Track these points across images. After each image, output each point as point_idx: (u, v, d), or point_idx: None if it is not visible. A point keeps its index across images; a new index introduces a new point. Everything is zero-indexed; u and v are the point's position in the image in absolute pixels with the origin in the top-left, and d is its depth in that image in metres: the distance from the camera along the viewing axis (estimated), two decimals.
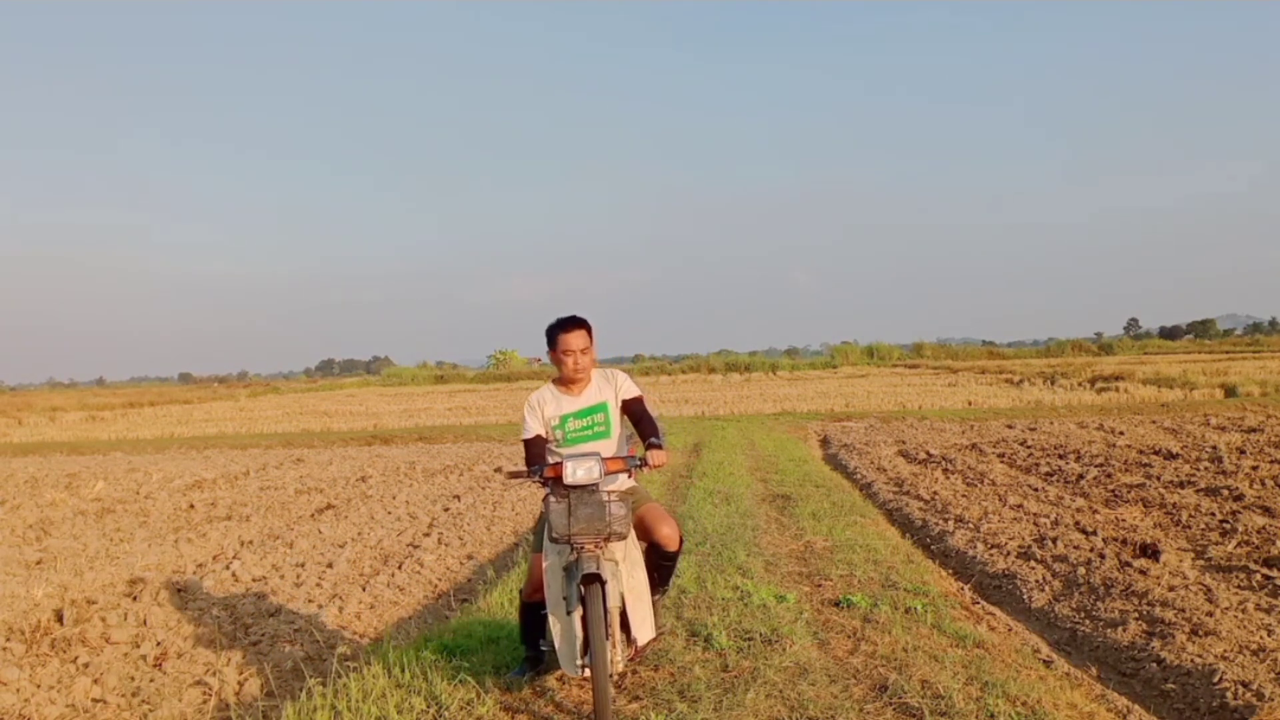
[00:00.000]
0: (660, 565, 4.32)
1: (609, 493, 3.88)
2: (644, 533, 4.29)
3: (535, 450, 4.22)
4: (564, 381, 4.28)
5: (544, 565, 4.02)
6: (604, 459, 3.92)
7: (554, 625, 3.95)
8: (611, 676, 3.77)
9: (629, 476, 4.24)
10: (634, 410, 4.32)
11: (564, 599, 3.84)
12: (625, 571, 3.96)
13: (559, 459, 4.05)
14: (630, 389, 4.31)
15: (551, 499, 3.87)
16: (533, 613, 4.32)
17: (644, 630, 4.04)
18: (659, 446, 4.11)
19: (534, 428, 4.24)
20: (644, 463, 4.00)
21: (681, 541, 4.36)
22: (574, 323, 4.19)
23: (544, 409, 4.27)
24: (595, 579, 3.74)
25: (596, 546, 3.83)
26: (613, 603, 3.79)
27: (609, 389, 4.29)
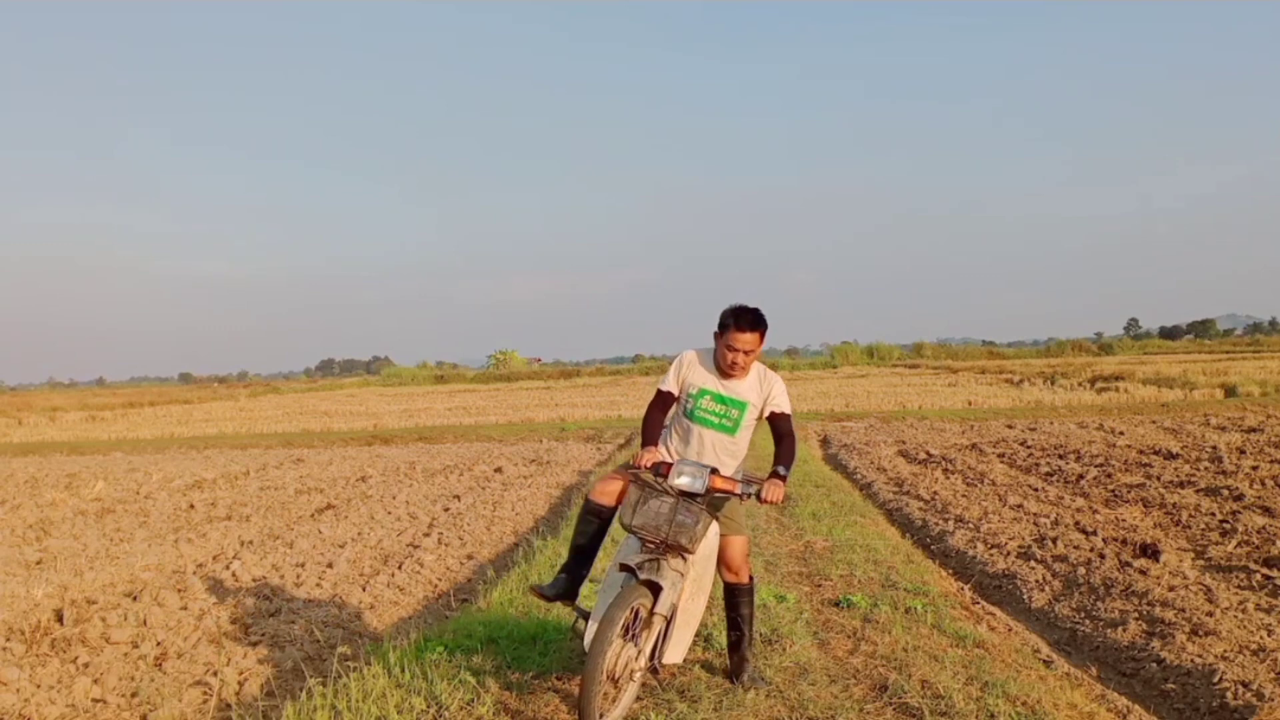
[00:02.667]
0: (734, 603, 4.25)
1: (698, 499, 3.82)
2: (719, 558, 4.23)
3: (655, 412, 4.13)
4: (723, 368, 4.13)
5: (620, 548, 4.04)
6: (713, 474, 3.82)
7: (598, 599, 3.95)
8: (618, 677, 3.70)
9: (741, 501, 4.02)
10: (778, 428, 4.15)
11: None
12: (687, 591, 3.90)
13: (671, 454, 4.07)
14: (782, 403, 4.13)
15: (632, 487, 3.83)
16: (589, 521, 4.12)
17: (675, 652, 3.94)
18: (782, 478, 3.94)
19: (668, 384, 4.17)
20: (759, 495, 3.86)
21: (752, 578, 4.31)
22: (753, 322, 3.97)
23: (691, 373, 4.15)
24: (632, 573, 3.70)
25: (659, 548, 3.76)
26: (660, 609, 3.72)
27: (760, 393, 4.12)
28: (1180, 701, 4.48)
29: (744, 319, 3.96)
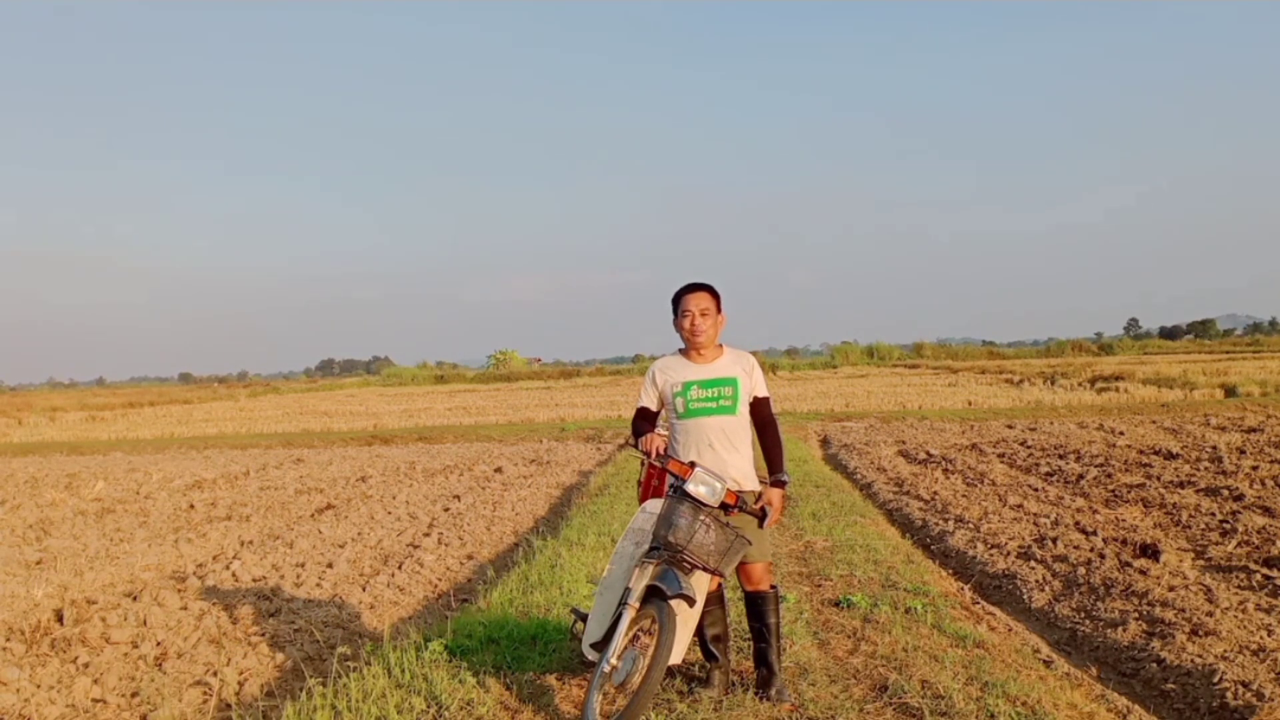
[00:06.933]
0: (758, 612, 4.14)
1: (727, 523, 3.79)
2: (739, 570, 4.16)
3: (640, 423, 4.09)
4: (691, 350, 4.13)
5: (618, 548, 4.01)
6: (728, 490, 3.82)
7: (597, 600, 3.92)
8: (624, 686, 3.70)
9: (725, 513, 3.90)
10: (760, 417, 4.13)
11: (626, 588, 3.78)
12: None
13: (676, 451, 4.01)
14: (761, 385, 4.12)
15: (665, 499, 3.81)
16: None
17: (674, 653, 3.85)
18: (783, 484, 3.95)
19: (644, 399, 4.15)
20: (762, 515, 3.86)
21: (774, 588, 4.19)
22: (697, 286, 4.09)
23: (666, 375, 4.12)
24: (660, 594, 3.66)
25: (687, 564, 3.72)
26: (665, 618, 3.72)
27: (743, 369, 4.11)
28: (1180, 701, 4.48)
29: (690, 285, 4.11)
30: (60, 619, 6.14)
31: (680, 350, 4.20)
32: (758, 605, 4.14)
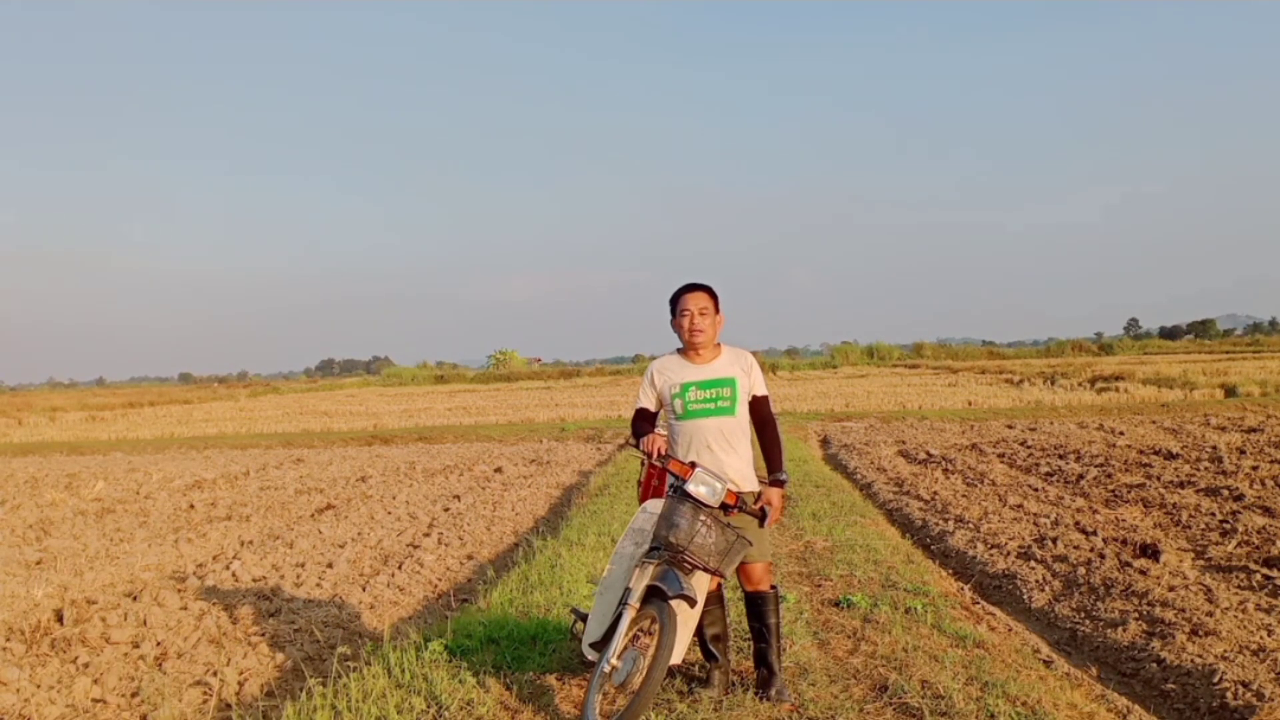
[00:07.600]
0: (758, 612, 4.12)
1: (728, 523, 3.80)
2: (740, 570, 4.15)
3: (640, 423, 4.08)
4: (689, 349, 4.12)
5: (618, 548, 4.01)
6: (729, 490, 3.82)
7: (597, 600, 3.92)
8: (624, 686, 3.70)
9: (725, 513, 3.89)
10: (759, 415, 4.13)
11: (626, 588, 3.77)
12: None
13: (676, 455, 3.99)
14: (760, 384, 4.11)
15: (672, 499, 3.81)
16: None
17: (674, 653, 3.86)
18: (782, 484, 3.96)
19: (643, 400, 4.15)
20: (761, 515, 3.86)
21: (774, 588, 4.17)
22: (696, 286, 4.08)
23: (665, 375, 4.12)
24: (660, 594, 3.65)
25: (687, 564, 3.72)
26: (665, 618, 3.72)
27: (741, 368, 4.10)
28: (1180, 701, 4.48)
29: (689, 285, 4.10)
30: (60, 619, 6.14)
31: (678, 350, 4.19)
32: (758, 605, 4.14)
